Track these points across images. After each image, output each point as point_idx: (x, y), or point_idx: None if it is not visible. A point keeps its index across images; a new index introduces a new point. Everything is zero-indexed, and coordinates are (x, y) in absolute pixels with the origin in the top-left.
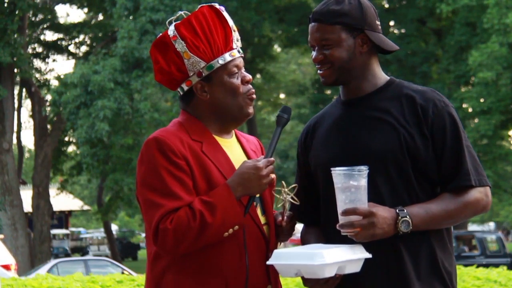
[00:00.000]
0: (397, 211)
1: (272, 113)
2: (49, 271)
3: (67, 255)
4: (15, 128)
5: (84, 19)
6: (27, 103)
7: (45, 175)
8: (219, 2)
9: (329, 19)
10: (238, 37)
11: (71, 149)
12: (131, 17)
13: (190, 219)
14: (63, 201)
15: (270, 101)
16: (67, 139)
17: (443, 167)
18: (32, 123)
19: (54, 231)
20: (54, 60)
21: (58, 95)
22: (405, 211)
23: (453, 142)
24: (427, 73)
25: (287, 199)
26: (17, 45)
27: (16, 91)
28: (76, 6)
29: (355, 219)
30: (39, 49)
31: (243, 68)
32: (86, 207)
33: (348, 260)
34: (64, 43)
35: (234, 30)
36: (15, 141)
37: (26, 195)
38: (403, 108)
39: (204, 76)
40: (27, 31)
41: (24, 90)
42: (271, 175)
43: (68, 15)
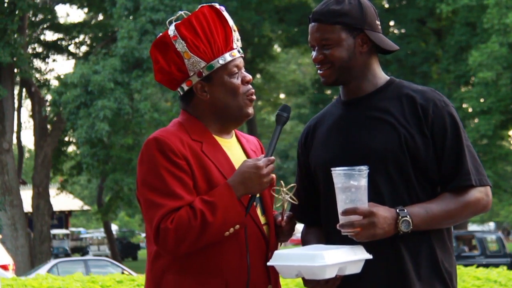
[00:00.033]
0: (398, 211)
1: (272, 113)
2: (49, 271)
3: (67, 255)
4: (15, 128)
5: (84, 19)
6: (27, 103)
7: (45, 175)
8: (219, 2)
9: (329, 19)
10: (238, 37)
11: (71, 149)
12: (131, 17)
13: (191, 218)
14: (63, 201)
15: (270, 101)
16: (67, 139)
17: (443, 166)
18: (32, 123)
19: (54, 231)
20: (54, 60)
21: (58, 95)
22: (406, 211)
23: (453, 141)
24: (427, 73)
25: (285, 199)
26: (17, 45)
27: (16, 91)
28: (76, 6)
29: (355, 219)
30: (39, 49)
31: (243, 68)
32: (86, 207)
33: (349, 261)
34: (64, 43)
35: (234, 30)
36: (15, 141)
37: (26, 195)
38: (403, 108)
39: (204, 76)
40: (27, 31)
41: (24, 90)
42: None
43: (68, 15)
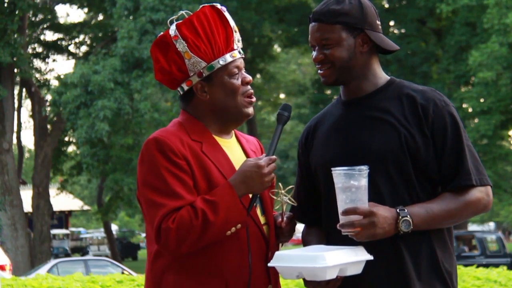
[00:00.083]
0: (398, 210)
1: (272, 113)
2: (49, 271)
3: (67, 255)
4: (15, 128)
5: (84, 19)
6: (27, 103)
7: (45, 175)
8: (220, 2)
9: (329, 18)
10: (239, 38)
11: (71, 149)
12: (131, 17)
13: (192, 218)
14: (63, 201)
15: (270, 101)
16: (67, 139)
17: (443, 166)
18: (32, 123)
19: (54, 231)
20: (54, 60)
21: (58, 95)
22: (406, 210)
23: (453, 141)
24: (427, 73)
25: (284, 201)
26: (17, 45)
27: (16, 91)
28: (76, 6)
29: (355, 219)
30: (39, 49)
31: (244, 69)
32: (86, 207)
33: (350, 262)
34: (64, 43)
35: (235, 30)
36: (15, 141)
37: (26, 195)
38: (403, 107)
39: (204, 76)
40: (27, 31)
41: (24, 90)
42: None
43: (68, 15)
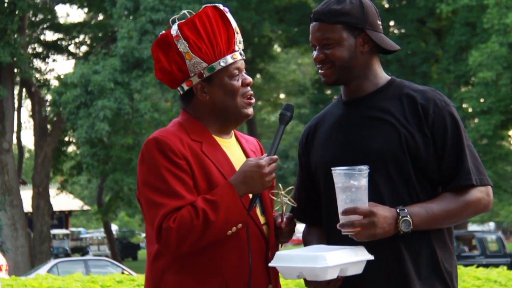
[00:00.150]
0: (398, 210)
1: (272, 113)
2: (49, 271)
3: (67, 255)
4: (15, 128)
5: (84, 19)
6: (27, 103)
7: (45, 175)
8: (219, 2)
9: (330, 18)
10: (240, 39)
11: (71, 149)
12: (131, 17)
13: (193, 217)
14: (63, 201)
15: (270, 101)
16: (67, 139)
17: (444, 166)
18: (32, 123)
19: (54, 231)
20: (54, 60)
21: (58, 95)
22: (406, 210)
23: (454, 141)
24: (427, 73)
25: (284, 201)
26: (17, 45)
27: (16, 91)
28: (76, 6)
29: (355, 219)
30: (39, 49)
31: (244, 70)
32: (86, 207)
33: (351, 262)
34: (64, 43)
35: (237, 32)
36: (15, 141)
37: (26, 195)
38: (403, 107)
39: (205, 77)
40: (27, 31)
41: (24, 90)
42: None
43: (68, 15)
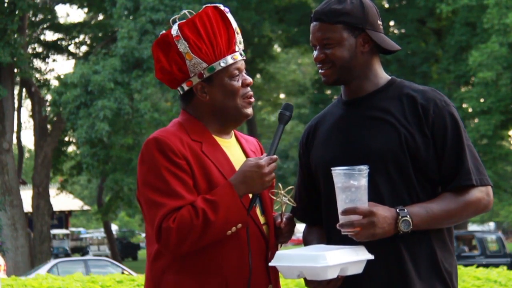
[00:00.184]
0: (398, 210)
1: (272, 113)
2: (49, 271)
3: (67, 255)
4: (15, 128)
5: (84, 19)
6: (27, 103)
7: (45, 175)
8: (219, 2)
9: (330, 18)
10: (241, 40)
11: (71, 149)
12: (131, 17)
13: (193, 217)
14: (63, 201)
15: (270, 101)
16: (67, 139)
17: (444, 166)
18: (32, 123)
19: (54, 231)
20: (54, 60)
21: (58, 95)
22: (406, 210)
23: (454, 141)
24: (427, 73)
25: (284, 201)
26: (17, 45)
27: (16, 91)
28: (76, 6)
29: (355, 219)
30: (39, 49)
31: (244, 71)
32: (86, 207)
33: (351, 261)
34: (64, 43)
35: (237, 32)
36: (15, 141)
37: (26, 195)
38: (404, 107)
39: (205, 77)
40: (27, 31)
41: (24, 90)
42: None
43: (68, 15)
